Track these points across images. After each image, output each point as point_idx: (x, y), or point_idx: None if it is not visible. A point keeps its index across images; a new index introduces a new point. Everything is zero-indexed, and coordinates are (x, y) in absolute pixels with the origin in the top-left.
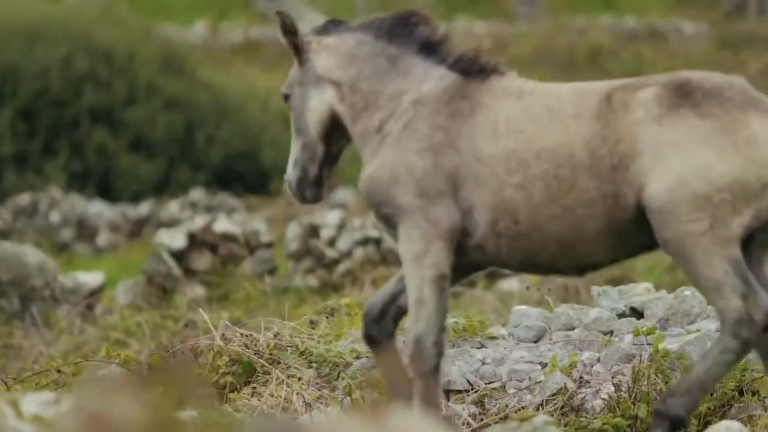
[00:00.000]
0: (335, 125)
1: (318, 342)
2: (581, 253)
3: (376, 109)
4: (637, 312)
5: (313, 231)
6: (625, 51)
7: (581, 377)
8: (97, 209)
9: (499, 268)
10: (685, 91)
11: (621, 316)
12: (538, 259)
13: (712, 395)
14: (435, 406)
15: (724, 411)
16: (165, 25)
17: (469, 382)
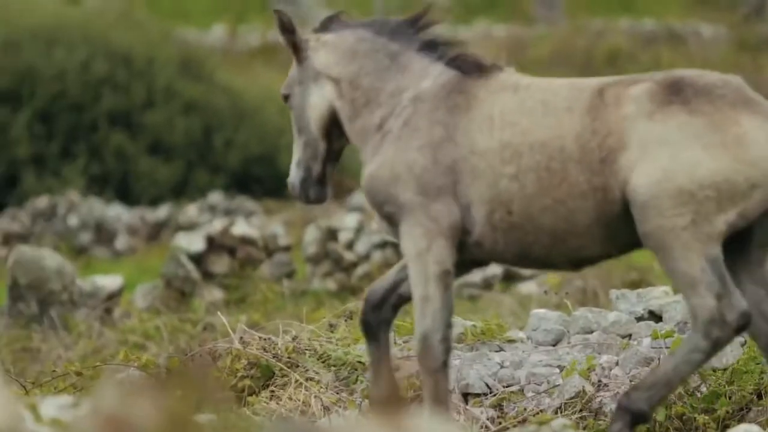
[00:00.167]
0: (336, 122)
1: (336, 345)
2: (573, 246)
3: (377, 106)
4: (656, 315)
5: (332, 234)
6: (643, 54)
7: (600, 381)
8: (116, 213)
9: (496, 263)
10: (677, 88)
11: (639, 319)
12: (532, 252)
13: (730, 398)
14: (445, 403)
15: (743, 414)
16: (183, 29)
17: (487, 385)
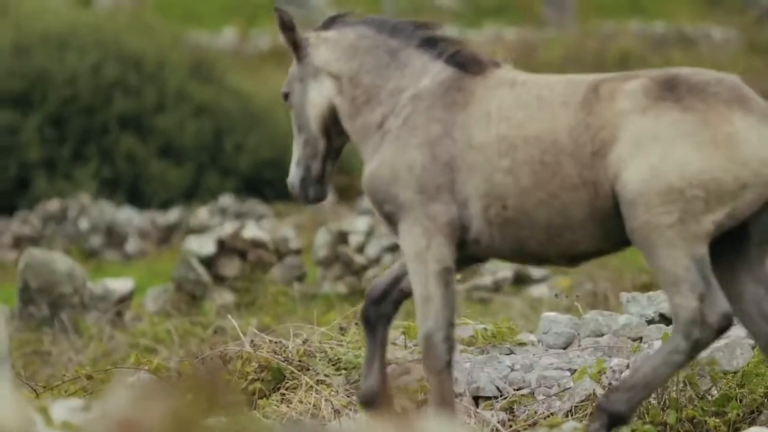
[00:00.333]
0: (335, 119)
1: (347, 348)
2: (568, 240)
3: (378, 104)
4: (666, 318)
5: (342, 238)
6: (654, 56)
7: (610, 384)
8: (126, 216)
9: (494, 258)
10: (671, 84)
11: (650, 322)
12: (528, 247)
13: (741, 401)
14: (451, 404)
15: (754, 417)
16: (194, 32)
17: (498, 388)
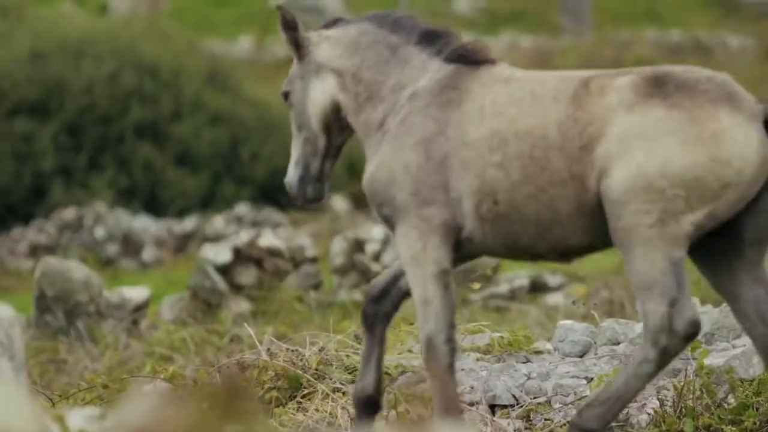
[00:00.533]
0: (336, 116)
1: None
2: (557, 235)
3: (380, 101)
4: None
5: (358, 246)
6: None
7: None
8: (143, 224)
9: (488, 255)
10: (660, 81)
11: None
12: (520, 243)
13: (757, 410)
14: (455, 406)
15: None
16: (210, 40)
17: (514, 396)
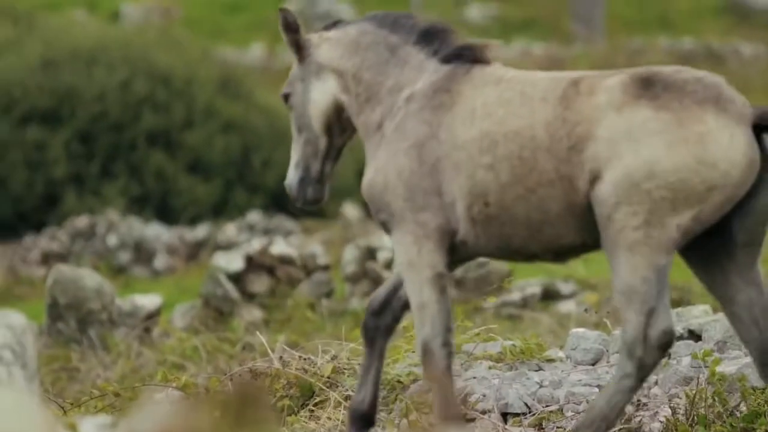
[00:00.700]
0: (338, 117)
1: None
2: (549, 234)
3: (378, 103)
4: (695, 334)
5: (370, 253)
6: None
7: (639, 400)
8: (155, 232)
9: (483, 257)
10: (648, 82)
11: (679, 338)
12: (512, 244)
13: None
14: (455, 410)
15: None
16: (222, 48)
17: (526, 405)
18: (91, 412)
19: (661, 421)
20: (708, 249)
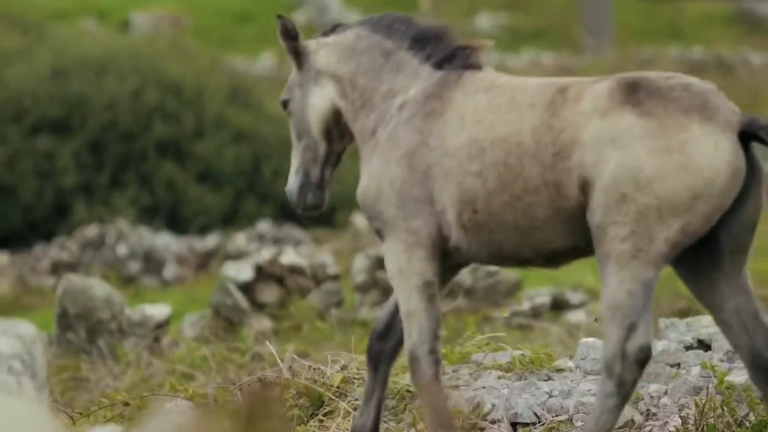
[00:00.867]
0: (337, 122)
1: None
2: (538, 239)
3: (372, 109)
4: (705, 344)
5: (380, 263)
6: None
7: (648, 410)
8: (164, 242)
9: (477, 263)
10: (634, 88)
11: (688, 348)
12: (504, 249)
13: None
14: (447, 418)
15: None
16: (232, 58)
17: (536, 414)
18: (100, 421)
19: (670, 431)
20: (695, 258)
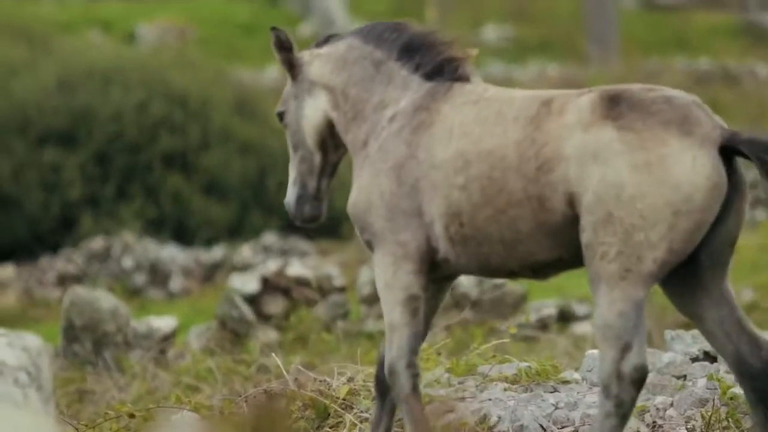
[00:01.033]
0: (331, 132)
1: None
2: (523, 252)
3: (363, 120)
4: (711, 356)
5: None
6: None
7: (654, 422)
8: (170, 254)
9: (466, 275)
10: (615, 101)
11: (694, 360)
12: (491, 262)
13: None
14: (425, 427)
15: None
16: (238, 70)
17: (542, 426)
18: None
19: None
20: (676, 272)
